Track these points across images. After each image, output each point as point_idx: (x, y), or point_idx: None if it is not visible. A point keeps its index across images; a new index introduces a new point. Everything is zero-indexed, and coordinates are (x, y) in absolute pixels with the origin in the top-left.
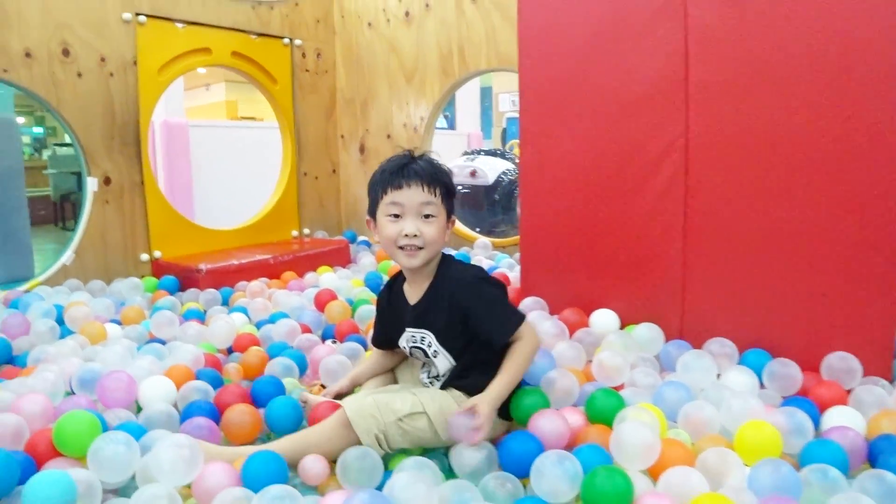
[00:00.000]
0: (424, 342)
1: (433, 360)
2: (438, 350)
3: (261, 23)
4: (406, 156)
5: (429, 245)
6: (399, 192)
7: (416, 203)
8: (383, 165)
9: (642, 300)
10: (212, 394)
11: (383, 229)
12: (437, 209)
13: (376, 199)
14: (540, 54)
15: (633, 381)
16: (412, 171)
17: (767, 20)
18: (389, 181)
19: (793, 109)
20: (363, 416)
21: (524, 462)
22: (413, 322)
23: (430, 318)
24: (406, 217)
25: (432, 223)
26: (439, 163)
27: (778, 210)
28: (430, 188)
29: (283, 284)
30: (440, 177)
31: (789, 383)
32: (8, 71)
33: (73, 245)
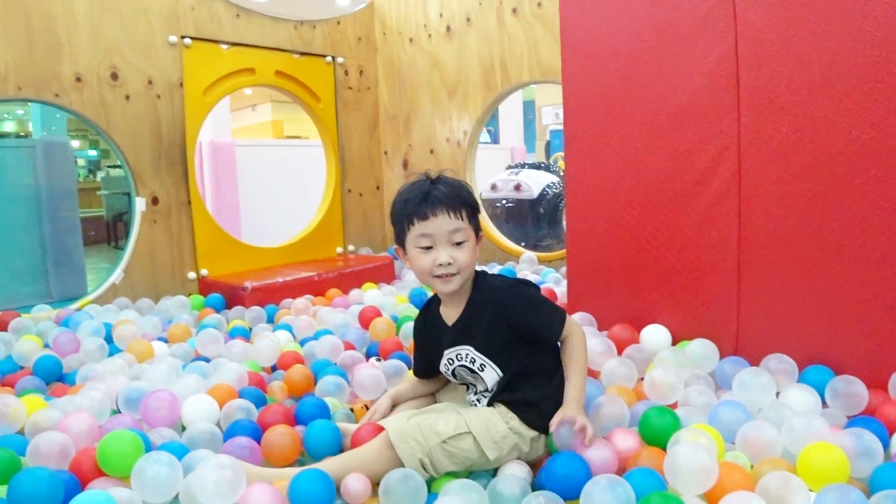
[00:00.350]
0: (467, 359)
1: (480, 375)
2: (485, 363)
3: (303, 42)
4: (425, 181)
5: (463, 270)
6: (426, 223)
7: (446, 231)
8: (405, 195)
9: (695, 315)
10: (255, 413)
11: (416, 261)
12: (466, 233)
13: (403, 230)
14: (584, 64)
15: (686, 401)
16: (436, 199)
17: (820, 21)
18: (415, 212)
19: (850, 112)
20: (406, 440)
21: (569, 485)
22: (452, 342)
23: (471, 332)
24: (438, 247)
25: (464, 248)
26: (459, 182)
27: (839, 217)
28: (456, 213)
29: (328, 301)
30: (463, 197)
31: (855, 402)
32: (59, 95)
33: (123, 264)
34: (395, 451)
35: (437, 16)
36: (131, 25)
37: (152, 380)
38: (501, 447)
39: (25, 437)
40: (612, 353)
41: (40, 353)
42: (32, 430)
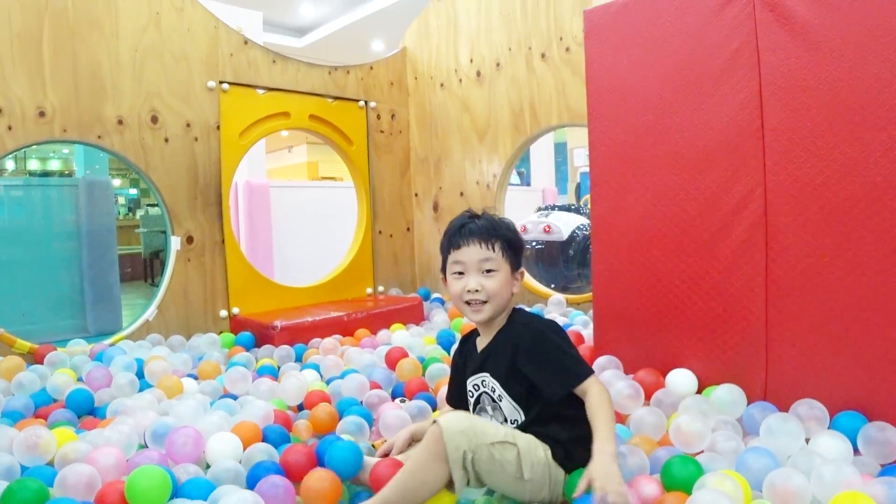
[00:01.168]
0: (487, 386)
1: (499, 405)
2: (502, 394)
3: (337, 87)
4: (466, 216)
5: (492, 298)
6: (459, 252)
7: (476, 260)
8: (448, 228)
9: (722, 359)
10: (276, 455)
11: (451, 286)
12: (496, 263)
13: (445, 259)
14: (609, 109)
15: (713, 447)
16: (469, 231)
17: (843, 63)
18: (451, 242)
19: (879, 154)
20: (455, 433)
21: None
22: (477, 368)
23: (493, 361)
24: (468, 274)
25: (493, 277)
26: (500, 219)
27: (868, 261)
28: (488, 244)
29: (356, 342)
30: (499, 232)
31: (888, 449)
32: (102, 137)
33: (157, 301)
34: (442, 446)
35: (468, 61)
36: (172, 71)
37: (180, 415)
38: (535, 472)
39: (55, 469)
40: (639, 397)
41: (73, 386)
42: (62, 462)
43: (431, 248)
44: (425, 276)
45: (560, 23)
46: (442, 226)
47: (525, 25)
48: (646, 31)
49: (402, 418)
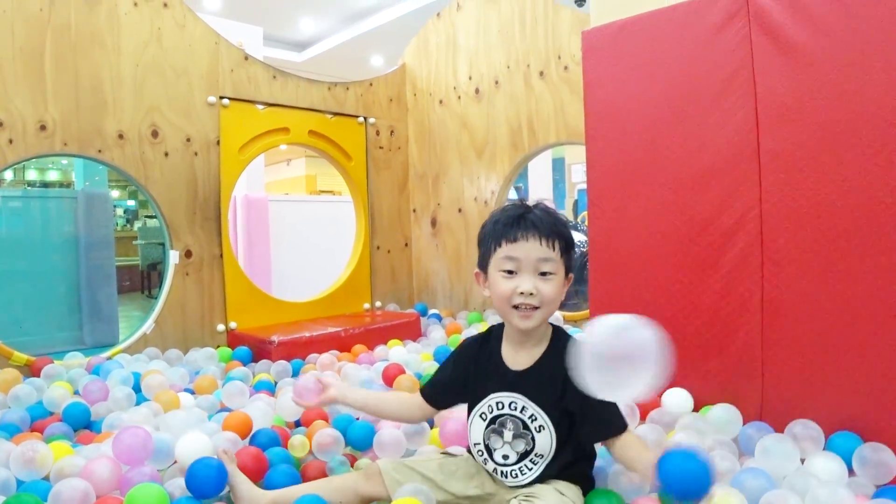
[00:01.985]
0: (524, 411)
1: (534, 435)
2: (545, 423)
3: (336, 103)
4: (522, 205)
5: (546, 305)
6: (514, 246)
7: (534, 259)
8: (496, 216)
9: (718, 379)
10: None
11: (496, 285)
12: (555, 265)
13: (488, 252)
14: (606, 129)
15: None
16: (529, 223)
17: (837, 85)
18: (504, 233)
19: (875, 176)
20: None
21: None
22: (511, 386)
23: (537, 387)
24: (522, 273)
25: (550, 280)
26: (557, 213)
27: (864, 282)
28: (549, 242)
29: (354, 357)
30: (559, 228)
31: (883, 470)
32: (102, 151)
33: (154, 315)
34: None
35: (467, 78)
36: (173, 86)
37: (175, 430)
38: None
39: (51, 484)
40: (635, 416)
41: (70, 399)
42: (57, 476)
43: (429, 263)
44: (423, 291)
45: (558, 42)
46: (440, 242)
47: (524, 44)
48: (643, 53)
49: (397, 437)
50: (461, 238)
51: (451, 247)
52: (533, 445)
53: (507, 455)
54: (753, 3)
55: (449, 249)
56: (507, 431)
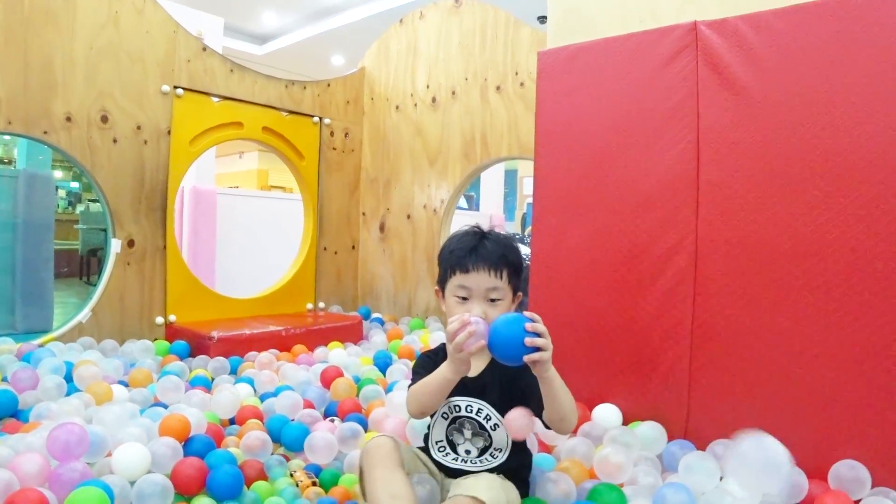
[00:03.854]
0: (481, 414)
1: (491, 434)
2: (498, 422)
3: (293, 101)
4: (475, 235)
5: None
6: (466, 276)
7: (483, 288)
8: (452, 244)
9: (647, 397)
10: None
11: (451, 309)
12: (503, 292)
13: (445, 276)
14: (555, 148)
15: (634, 480)
16: (480, 256)
17: (778, 122)
18: (458, 263)
19: (803, 211)
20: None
21: None
22: (468, 392)
23: (493, 388)
24: (473, 300)
25: (498, 306)
26: (508, 241)
27: (789, 311)
28: (497, 272)
29: (293, 358)
30: (508, 258)
31: (795, 491)
32: (49, 133)
33: (91, 303)
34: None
35: (425, 86)
36: (127, 72)
37: (105, 423)
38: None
39: None
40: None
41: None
42: None
43: (375, 267)
44: (367, 294)
45: (517, 58)
46: (387, 247)
47: (483, 57)
48: (595, 77)
49: (330, 441)
50: (408, 244)
51: (399, 252)
52: (491, 441)
53: (469, 450)
54: (702, 39)
55: (396, 255)
56: (467, 430)
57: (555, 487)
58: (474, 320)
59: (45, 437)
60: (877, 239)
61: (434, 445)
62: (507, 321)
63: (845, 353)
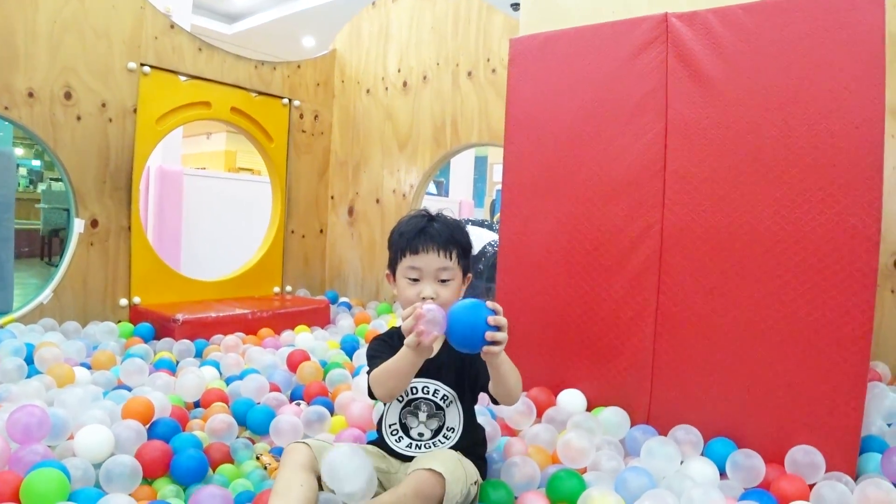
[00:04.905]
0: (437, 394)
1: (444, 412)
2: (453, 400)
3: (262, 82)
4: (423, 217)
5: (445, 306)
6: (416, 258)
7: (433, 268)
8: (401, 227)
9: (611, 383)
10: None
11: (403, 290)
12: (452, 272)
13: (395, 259)
14: (525, 136)
15: (596, 465)
16: (429, 236)
17: (741, 116)
18: (408, 245)
19: (765, 203)
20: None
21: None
22: (424, 374)
23: (447, 371)
24: (424, 280)
25: (448, 286)
26: (456, 222)
27: (747, 301)
28: (446, 253)
29: (259, 341)
30: (456, 239)
31: (752, 475)
32: (9, 109)
33: (53, 285)
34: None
35: (396, 70)
36: (91, 48)
37: (66, 405)
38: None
39: None
40: (531, 414)
41: None
42: None
43: (343, 251)
44: (335, 278)
45: (489, 44)
46: (356, 231)
47: (455, 42)
48: (566, 66)
49: (295, 425)
50: (377, 229)
51: (367, 237)
52: (444, 421)
53: (423, 433)
54: (672, 31)
55: (364, 239)
56: (422, 413)
57: (518, 471)
58: (426, 309)
59: (5, 420)
60: (835, 232)
61: (387, 429)
62: (467, 310)
63: (802, 342)
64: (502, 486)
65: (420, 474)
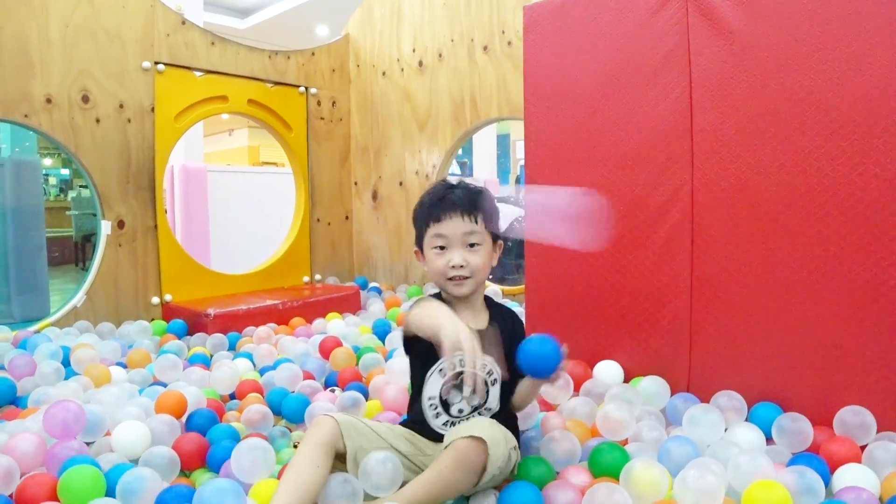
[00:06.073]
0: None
1: (489, 389)
2: (498, 378)
3: (277, 72)
4: (444, 185)
5: (476, 273)
6: (440, 225)
7: (460, 234)
8: (423, 198)
9: (648, 352)
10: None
11: (432, 262)
12: (480, 237)
13: (421, 232)
14: (545, 104)
15: (637, 436)
16: (450, 202)
17: (772, 68)
18: (430, 214)
19: (799, 158)
20: (498, 441)
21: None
22: None
23: (490, 347)
24: (451, 248)
25: (477, 251)
26: (479, 188)
27: (787, 259)
28: (471, 216)
29: (291, 330)
30: (480, 203)
31: (800, 439)
32: (29, 116)
33: (85, 287)
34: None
35: (411, 51)
36: (105, 50)
37: (104, 404)
38: (512, 458)
39: None
40: (569, 388)
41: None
42: None
43: (369, 236)
44: (363, 264)
45: (503, 16)
46: (381, 215)
47: (468, 17)
48: (583, 30)
49: (329, 412)
50: (402, 211)
51: (392, 220)
52: (486, 399)
53: (462, 409)
54: None
55: (390, 223)
56: (467, 388)
57: (558, 446)
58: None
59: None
60: (875, 183)
61: (426, 403)
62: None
63: (846, 298)
64: (543, 461)
65: (460, 443)
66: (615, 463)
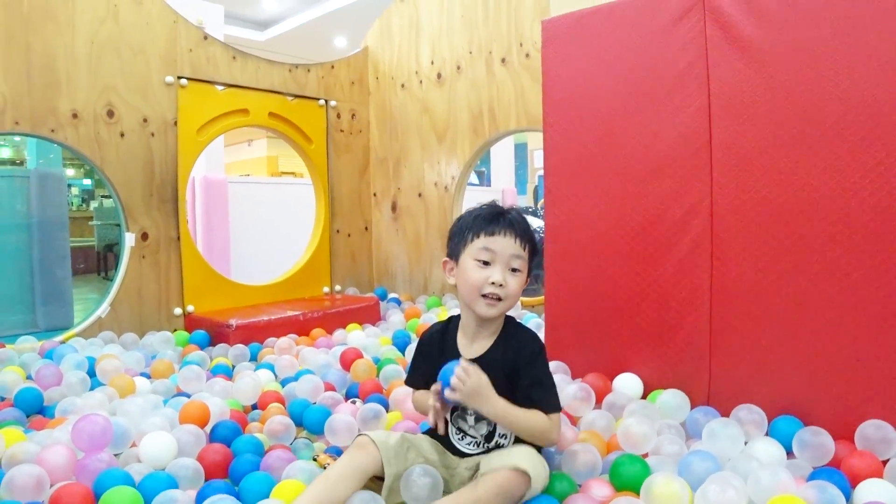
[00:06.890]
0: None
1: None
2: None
3: (297, 85)
4: (499, 206)
5: (508, 298)
6: (492, 239)
7: (508, 254)
8: (476, 211)
9: (668, 365)
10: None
11: (469, 273)
12: (523, 264)
13: (463, 242)
14: (564, 118)
15: (657, 450)
16: (508, 221)
17: (790, 82)
18: (483, 227)
19: (819, 170)
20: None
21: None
22: None
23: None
24: (495, 265)
25: (517, 277)
26: (527, 220)
27: (807, 272)
28: (522, 242)
29: (312, 341)
30: (530, 234)
31: (821, 453)
32: (55, 131)
33: (109, 298)
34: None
35: (429, 63)
36: (129, 65)
37: (129, 415)
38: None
39: (2, 470)
40: (590, 400)
41: (22, 384)
42: (9, 463)
43: (389, 247)
44: (383, 275)
45: (521, 29)
46: (400, 226)
47: (486, 29)
48: (601, 43)
49: (350, 424)
50: (421, 223)
51: (412, 231)
52: (494, 426)
53: (474, 436)
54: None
55: (409, 234)
56: (469, 416)
57: (579, 459)
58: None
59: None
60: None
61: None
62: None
63: (867, 311)
64: (564, 477)
65: (504, 475)
66: (637, 476)
